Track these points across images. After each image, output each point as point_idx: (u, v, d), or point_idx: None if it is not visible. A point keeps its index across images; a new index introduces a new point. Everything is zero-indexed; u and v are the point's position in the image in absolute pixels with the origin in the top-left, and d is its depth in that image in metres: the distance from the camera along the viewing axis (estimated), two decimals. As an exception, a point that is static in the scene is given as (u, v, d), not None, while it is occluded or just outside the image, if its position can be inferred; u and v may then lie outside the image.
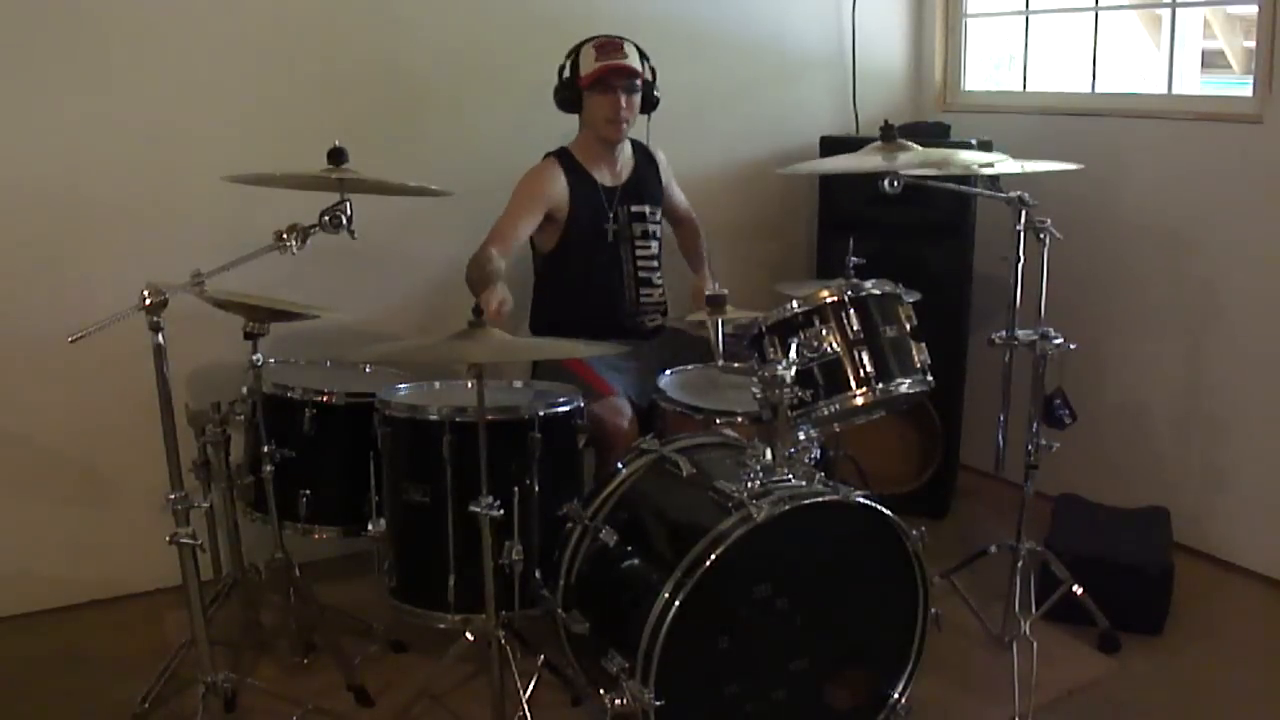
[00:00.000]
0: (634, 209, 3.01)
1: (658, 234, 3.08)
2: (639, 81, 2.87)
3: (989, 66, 3.99)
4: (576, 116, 2.94)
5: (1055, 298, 2.50)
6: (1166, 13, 3.39)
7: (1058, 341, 2.46)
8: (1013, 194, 2.42)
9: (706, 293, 2.43)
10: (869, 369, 2.22)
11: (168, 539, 1.91)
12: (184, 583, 1.96)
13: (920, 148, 2.46)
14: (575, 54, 2.86)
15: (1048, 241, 2.42)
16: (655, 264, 3.07)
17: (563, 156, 2.94)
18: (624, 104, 2.86)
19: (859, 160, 2.49)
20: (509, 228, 2.82)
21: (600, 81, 2.82)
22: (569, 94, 2.88)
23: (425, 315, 3.18)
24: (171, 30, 2.78)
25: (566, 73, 2.88)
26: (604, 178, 2.97)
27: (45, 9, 2.64)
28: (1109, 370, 3.39)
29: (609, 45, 2.85)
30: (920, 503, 3.31)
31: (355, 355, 2.99)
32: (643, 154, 3.07)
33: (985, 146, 3.18)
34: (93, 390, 2.80)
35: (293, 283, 2.70)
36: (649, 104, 2.95)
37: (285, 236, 1.98)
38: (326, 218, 2.03)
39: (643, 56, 2.90)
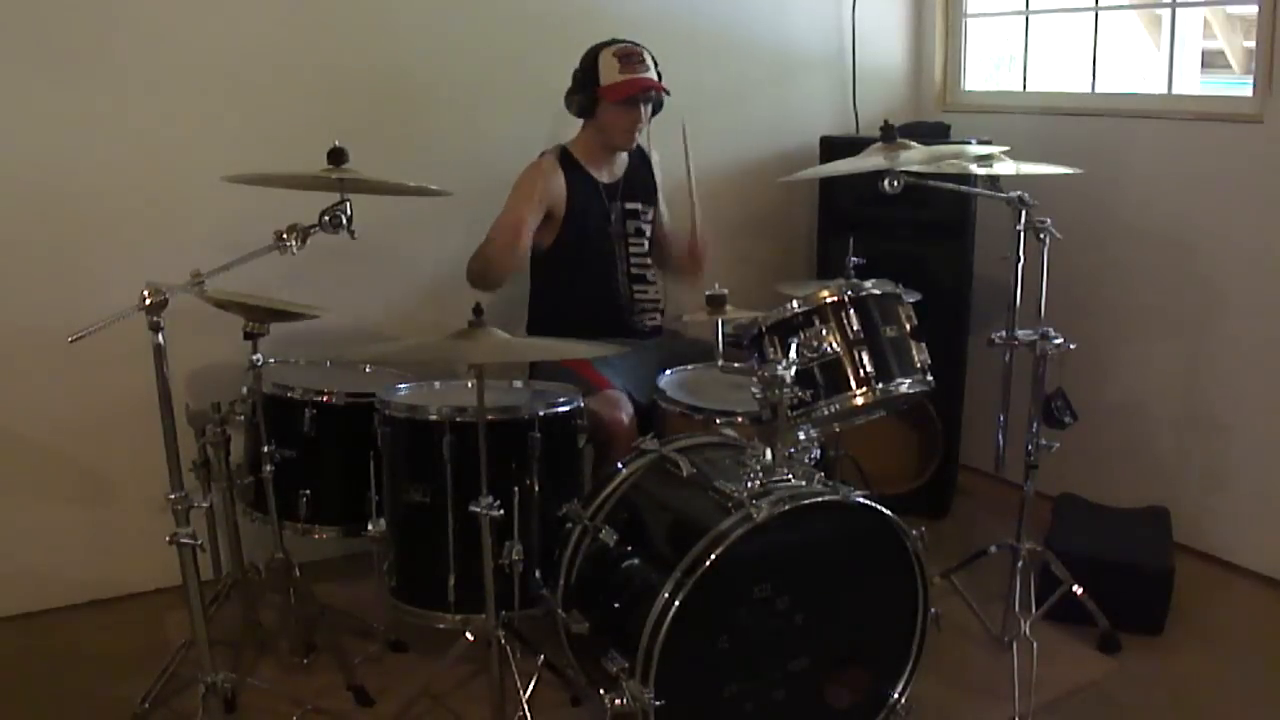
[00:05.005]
0: (628, 206, 3.02)
1: (650, 233, 3.08)
2: (655, 92, 2.87)
3: (989, 66, 3.99)
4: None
5: (1055, 298, 2.50)
6: (1166, 13, 3.39)
7: (1058, 341, 2.46)
8: (1013, 194, 2.42)
9: (707, 293, 2.43)
10: (869, 369, 2.22)
11: (168, 539, 1.91)
12: (184, 583, 1.96)
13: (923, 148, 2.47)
14: (593, 61, 2.83)
15: (1048, 241, 2.42)
16: (649, 261, 3.07)
17: (561, 154, 2.94)
18: (642, 116, 2.87)
19: (860, 162, 2.49)
20: (518, 221, 2.79)
21: (628, 99, 2.81)
22: (585, 100, 2.86)
23: (425, 315, 3.18)
24: (172, 30, 2.78)
25: (583, 79, 2.85)
26: (602, 176, 2.98)
27: (46, 10, 2.64)
28: (1109, 370, 3.39)
29: (632, 57, 2.82)
30: (920, 503, 3.31)
31: (355, 355, 2.99)
32: (638, 152, 3.07)
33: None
34: (93, 390, 2.80)
35: (293, 283, 2.70)
36: (656, 107, 2.95)
37: (285, 236, 1.98)
38: (326, 218, 2.03)
39: (653, 60, 2.89)
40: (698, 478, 2.18)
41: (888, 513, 2.07)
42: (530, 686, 2.29)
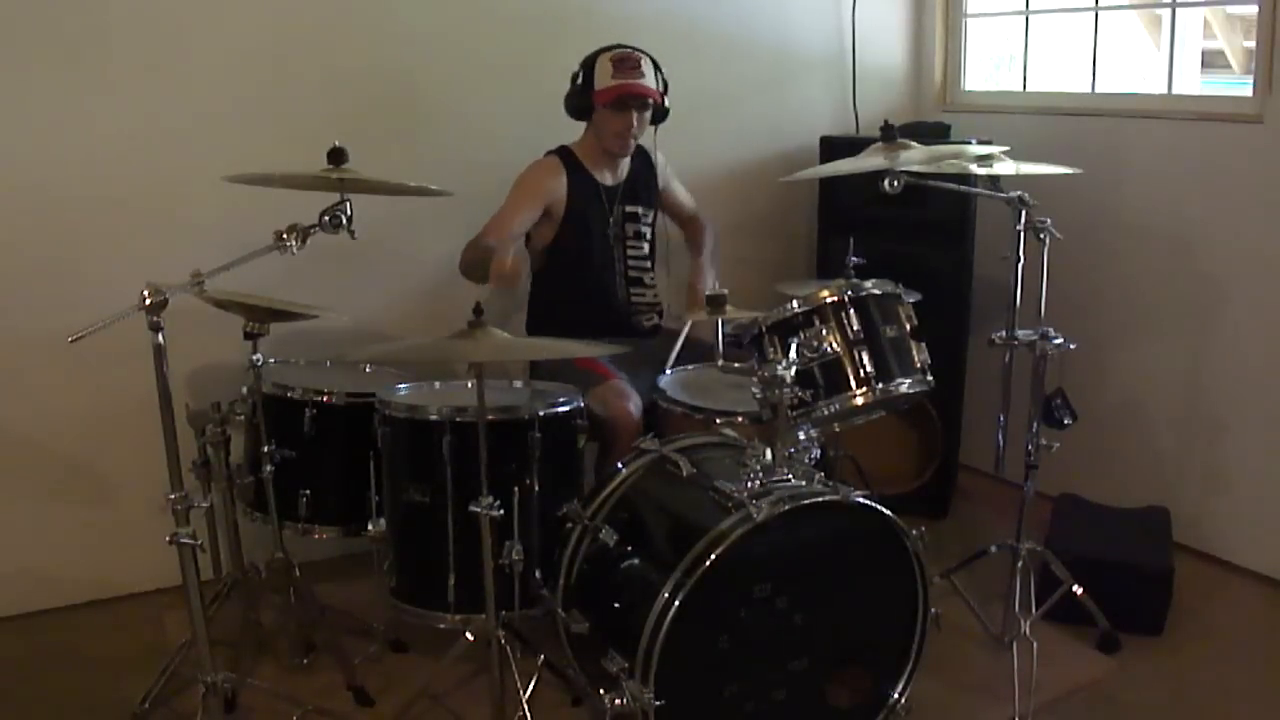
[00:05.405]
0: (628, 209, 3.02)
1: (649, 235, 3.08)
2: (651, 100, 2.87)
3: (989, 66, 4.00)
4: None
5: (1055, 298, 2.50)
6: (1166, 13, 3.39)
7: (1058, 341, 2.46)
8: (1013, 194, 2.42)
9: (706, 293, 2.43)
10: (869, 369, 2.22)
11: (168, 539, 1.91)
12: (184, 583, 1.96)
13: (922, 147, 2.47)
14: (591, 64, 2.84)
15: (1048, 241, 2.42)
16: (647, 264, 3.08)
17: (565, 155, 2.95)
18: (635, 123, 2.86)
19: (860, 162, 2.49)
20: (506, 221, 2.83)
21: (616, 102, 2.82)
22: (581, 103, 2.87)
23: (425, 315, 3.18)
24: (172, 31, 2.78)
25: (580, 81, 2.86)
26: (604, 178, 2.98)
27: (46, 9, 2.64)
28: (1109, 370, 3.39)
29: (627, 62, 2.82)
30: (920, 503, 3.31)
31: (355, 355, 2.98)
32: (640, 155, 3.07)
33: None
34: (93, 390, 2.80)
35: (293, 283, 2.70)
36: (659, 115, 2.95)
37: (285, 236, 1.98)
38: (326, 218, 2.03)
39: (656, 68, 2.89)
40: (698, 478, 2.18)
41: (888, 513, 2.07)
42: (530, 686, 2.29)
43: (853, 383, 2.22)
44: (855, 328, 2.23)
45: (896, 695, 2.19)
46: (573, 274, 2.98)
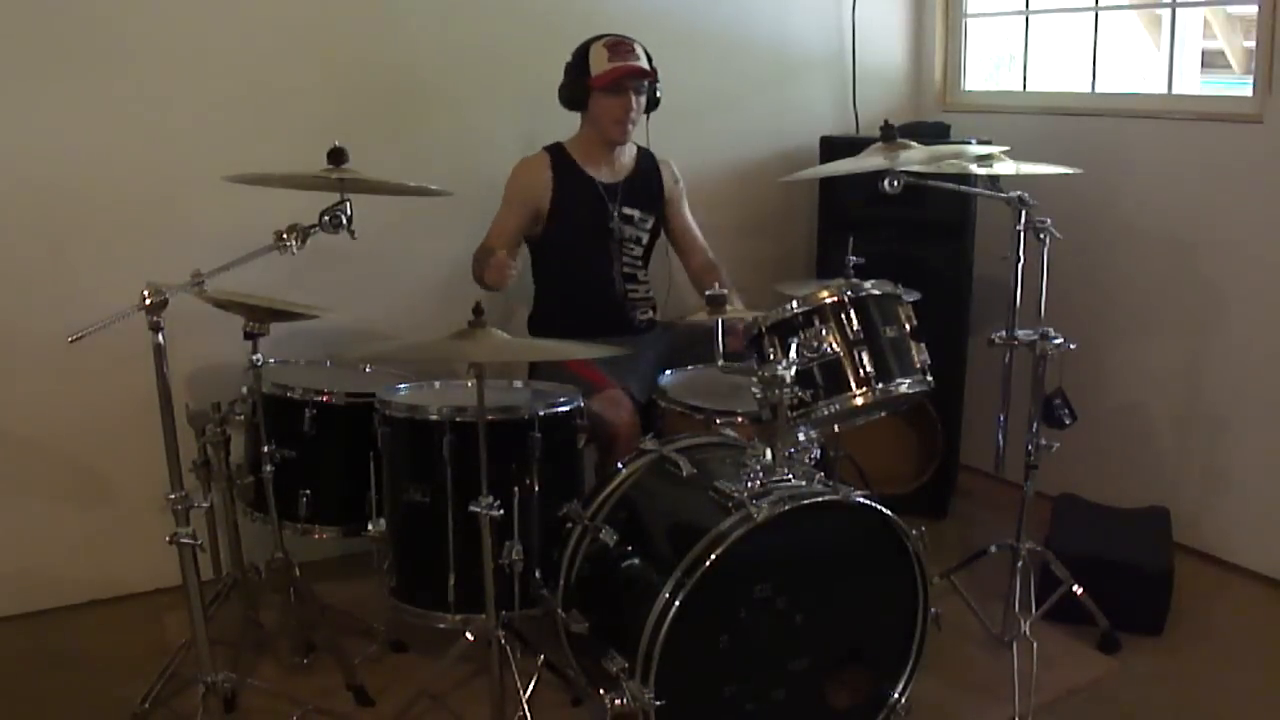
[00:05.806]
0: (625, 210, 3.01)
1: (645, 240, 3.07)
2: (646, 82, 2.88)
3: (989, 66, 4.00)
4: (577, 114, 2.94)
5: (1055, 298, 2.50)
6: (1166, 13, 3.39)
7: (1058, 341, 2.46)
8: (1013, 194, 2.42)
9: (707, 293, 2.42)
10: (869, 369, 2.22)
11: (168, 539, 1.91)
12: (184, 583, 1.96)
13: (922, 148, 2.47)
14: (584, 52, 2.86)
15: (1048, 241, 2.42)
16: (640, 263, 3.08)
17: (554, 151, 2.95)
18: (633, 106, 2.87)
19: (860, 162, 2.49)
20: (500, 229, 2.89)
21: (614, 83, 2.83)
22: (577, 92, 2.88)
23: (425, 315, 3.17)
24: (172, 30, 2.78)
25: (574, 71, 2.87)
26: (601, 175, 2.98)
27: (46, 9, 2.64)
28: (1109, 370, 3.39)
29: (621, 46, 2.84)
30: (920, 503, 3.31)
31: (355, 355, 2.99)
32: (647, 160, 3.07)
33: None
34: (93, 390, 2.80)
35: (293, 283, 2.70)
36: (651, 103, 2.95)
37: (285, 236, 1.98)
38: (326, 218, 2.03)
39: (647, 55, 2.90)
40: (698, 478, 2.18)
41: (888, 513, 2.07)
42: (530, 686, 2.28)
43: (852, 383, 2.22)
44: (855, 328, 2.22)
45: (896, 695, 2.19)
46: (568, 270, 2.99)
